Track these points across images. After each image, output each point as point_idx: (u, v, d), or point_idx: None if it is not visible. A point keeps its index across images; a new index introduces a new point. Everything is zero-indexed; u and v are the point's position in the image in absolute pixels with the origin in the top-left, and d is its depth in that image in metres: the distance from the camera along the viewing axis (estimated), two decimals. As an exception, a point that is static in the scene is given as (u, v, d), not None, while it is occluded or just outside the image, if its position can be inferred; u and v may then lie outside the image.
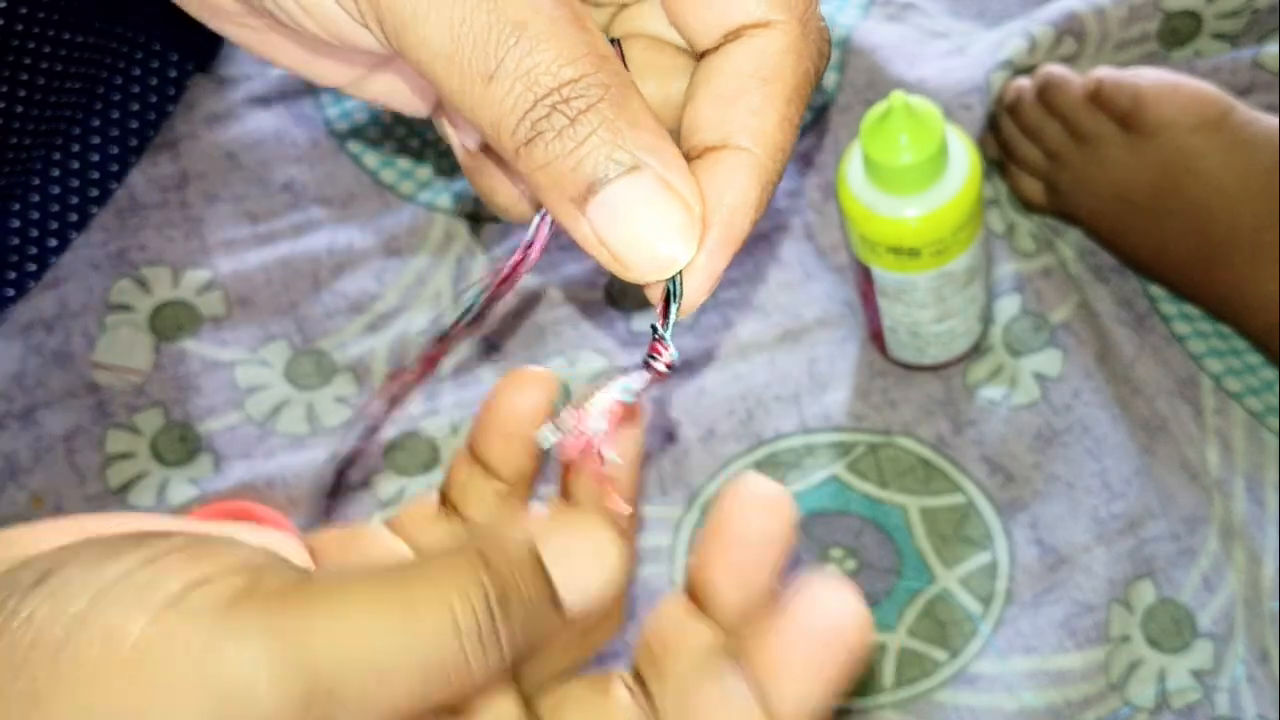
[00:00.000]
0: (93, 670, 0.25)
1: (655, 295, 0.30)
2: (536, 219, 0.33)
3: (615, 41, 0.32)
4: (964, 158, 0.63)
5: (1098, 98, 0.71)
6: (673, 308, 0.29)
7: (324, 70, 0.34)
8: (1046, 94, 0.73)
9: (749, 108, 0.29)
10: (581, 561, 0.28)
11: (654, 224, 0.28)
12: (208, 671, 0.24)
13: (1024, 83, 0.75)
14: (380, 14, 0.28)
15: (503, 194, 0.35)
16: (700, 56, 0.31)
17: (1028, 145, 0.74)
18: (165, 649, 0.25)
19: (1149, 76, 0.70)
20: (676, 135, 0.30)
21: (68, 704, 0.25)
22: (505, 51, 0.27)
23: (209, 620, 0.25)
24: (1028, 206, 0.75)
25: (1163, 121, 0.69)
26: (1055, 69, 0.74)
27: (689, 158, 0.30)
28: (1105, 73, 0.72)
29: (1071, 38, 0.78)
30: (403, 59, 0.28)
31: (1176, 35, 0.78)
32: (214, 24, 0.33)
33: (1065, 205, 0.74)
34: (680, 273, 0.29)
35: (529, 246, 0.33)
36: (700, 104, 0.30)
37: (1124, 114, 0.70)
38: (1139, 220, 0.70)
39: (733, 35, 0.30)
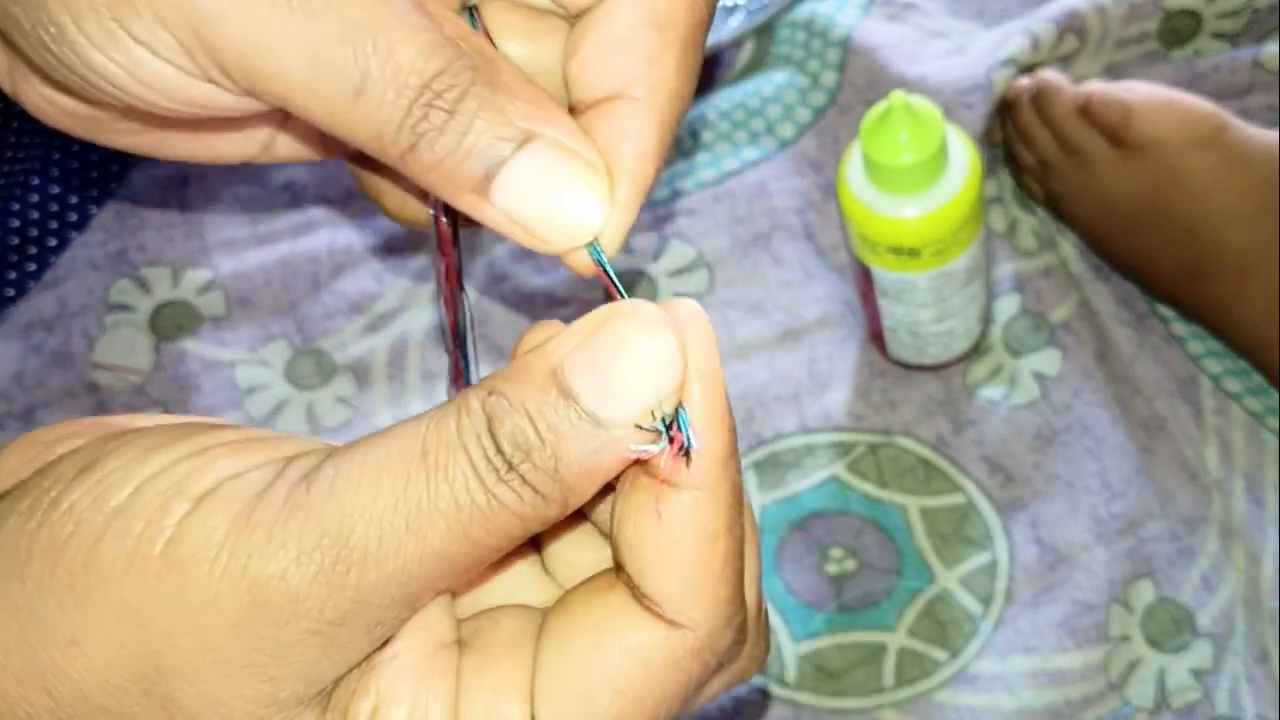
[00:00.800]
0: (128, 563, 0.25)
1: (578, 263, 0.29)
2: (431, 217, 0.32)
3: (472, 11, 0.31)
4: (964, 157, 0.63)
5: (1087, 111, 0.71)
6: (608, 269, 0.28)
7: (222, 148, 0.33)
8: (1039, 102, 0.73)
9: (645, 56, 0.28)
10: (613, 370, 0.25)
11: (563, 192, 0.27)
12: (238, 562, 0.24)
13: (1024, 82, 0.75)
14: (222, 61, 0.26)
15: (390, 197, 0.34)
16: (575, 14, 0.30)
17: (1023, 148, 0.74)
18: (199, 541, 0.24)
19: (1140, 92, 0.70)
20: (555, 96, 0.29)
21: (103, 597, 0.25)
22: (366, 61, 0.26)
23: (239, 511, 0.25)
24: (1032, 198, 0.76)
25: (1152, 138, 0.69)
26: (1050, 76, 0.73)
27: (577, 112, 0.29)
28: (1096, 87, 0.71)
29: (1072, 35, 0.78)
30: (260, 99, 0.27)
31: (1176, 34, 0.78)
32: (102, 139, 0.32)
33: (1059, 211, 0.74)
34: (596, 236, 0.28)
35: (441, 249, 0.32)
36: (587, 56, 0.29)
37: (1113, 129, 0.70)
38: (1128, 233, 0.70)
39: None
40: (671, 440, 0.26)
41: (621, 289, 0.29)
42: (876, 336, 0.72)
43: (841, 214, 0.65)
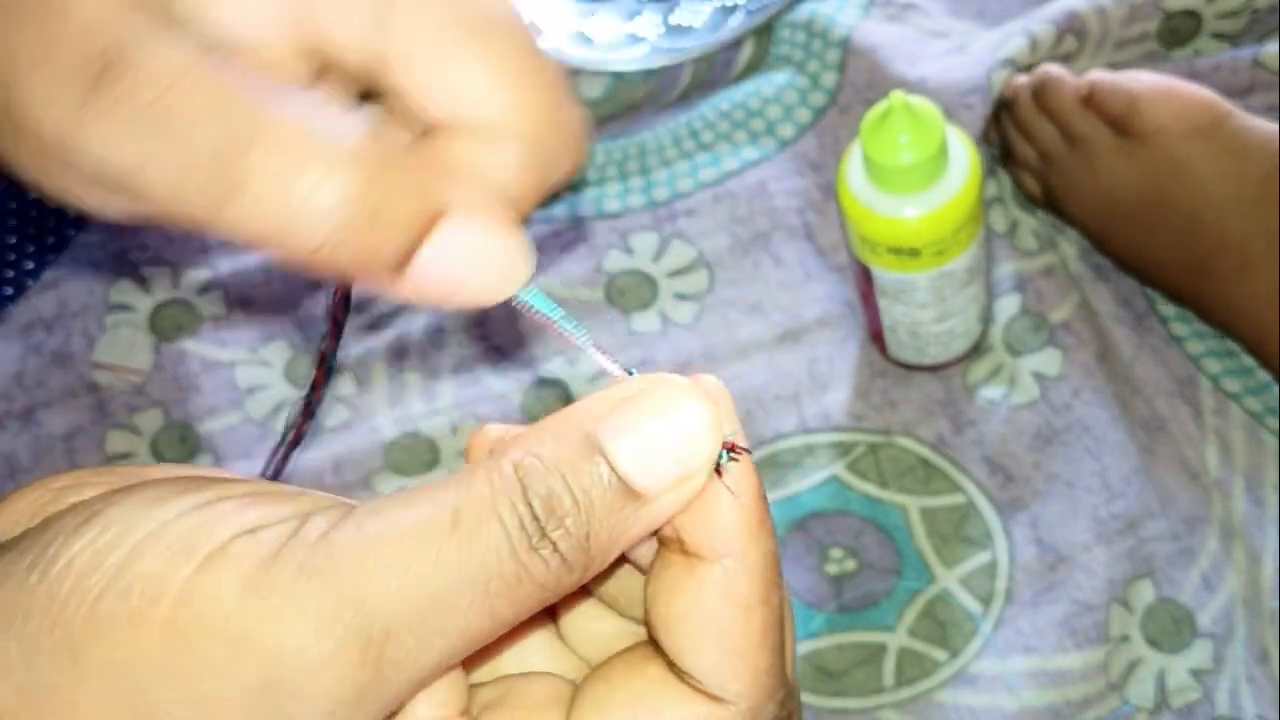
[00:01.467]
0: (129, 625, 0.23)
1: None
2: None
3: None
4: (964, 157, 0.63)
5: (1091, 100, 0.71)
6: (552, 313, 0.28)
7: None
8: (1041, 95, 0.73)
9: (513, 95, 0.27)
10: (651, 435, 0.24)
11: (484, 257, 0.26)
12: (250, 629, 0.23)
13: (1023, 80, 0.75)
14: (104, 183, 0.25)
15: None
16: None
17: (1023, 144, 0.74)
18: (206, 604, 0.23)
19: (1144, 81, 0.70)
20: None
21: (101, 660, 0.23)
22: (244, 159, 0.24)
23: (251, 572, 0.23)
24: (1030, 199, 0.76)
25: (1156, 126, 0.69)
26: (1051, 69, 0.73)
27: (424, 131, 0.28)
28: (1100, 76, 0.71)
29: (1072, 36, 0.78)
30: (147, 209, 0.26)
31: (1176, 35, 0.78)
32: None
33: (1059, 206, 0.74)
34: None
35: (334, 324, 0.31)
36: (454, 81, 0.28)
37: (1117, 118, 0.70)
38: (1130, 225, 0.70)
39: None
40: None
41: (573, 326, 0.28)
42: (876, 336, 0.72)
43: (841, 214, 0.65)
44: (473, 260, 0.26)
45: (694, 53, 0.82)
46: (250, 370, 0.77)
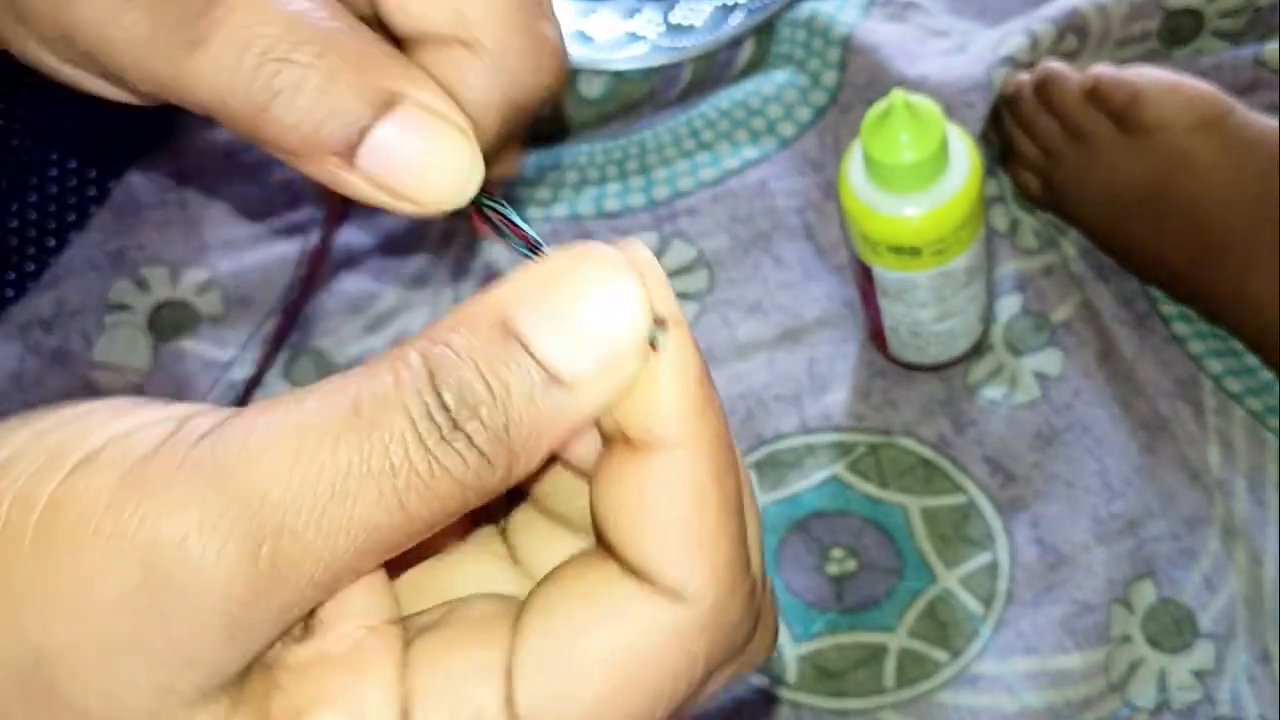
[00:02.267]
0: (2, 542, 0.21)
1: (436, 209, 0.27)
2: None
3: None
4: (965, 156, 0.63)
5: (1095, 95, 0.71)
6: (513, 217, 0.26)
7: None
8: (1044, 90, 0.73)
9: (486, 10, 0.27)
10: (572, 316, 0.22)
11: (434, 154, 0.25)
12: (126, 527, 0.21)
13: (1024, 77, 0.75)
14: (86, 52, 0.26)
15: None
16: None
17: (1025, 141, 0.74)
18: (78, 506, 0.21)
19: (1148, 75, 0.70)
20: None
21: None
22: (207, 14, 0.25)
23: (126, 472, 0.21)
24: (1029, 199, 0.75)
25: (1160, 121, 0.69)
26: (1054, 65, 0.73)
27: (402, 44, 0.28)
28: (1103, 70, 0.71)
29: (1073, 34, 0.78)
30: (127, 79, 0.26)
31: (1177, 34, 0.78)
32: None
33: (1061, 203, 0.74)
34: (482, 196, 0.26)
35: (316, 254, 0.31)
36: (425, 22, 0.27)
37: (1121, 112, 0.70)
38: (1133, 220, 0.70)
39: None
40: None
41: (535, 236, 0.26)
42: (877, 336, 0.72)
43: (842, 213, 0.65)
44: (422, 154, 0.25)
45: (694, 51, 0.82)
46: (249, 370, 0.77)
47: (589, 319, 0.22)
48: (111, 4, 0.26)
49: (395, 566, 0.25)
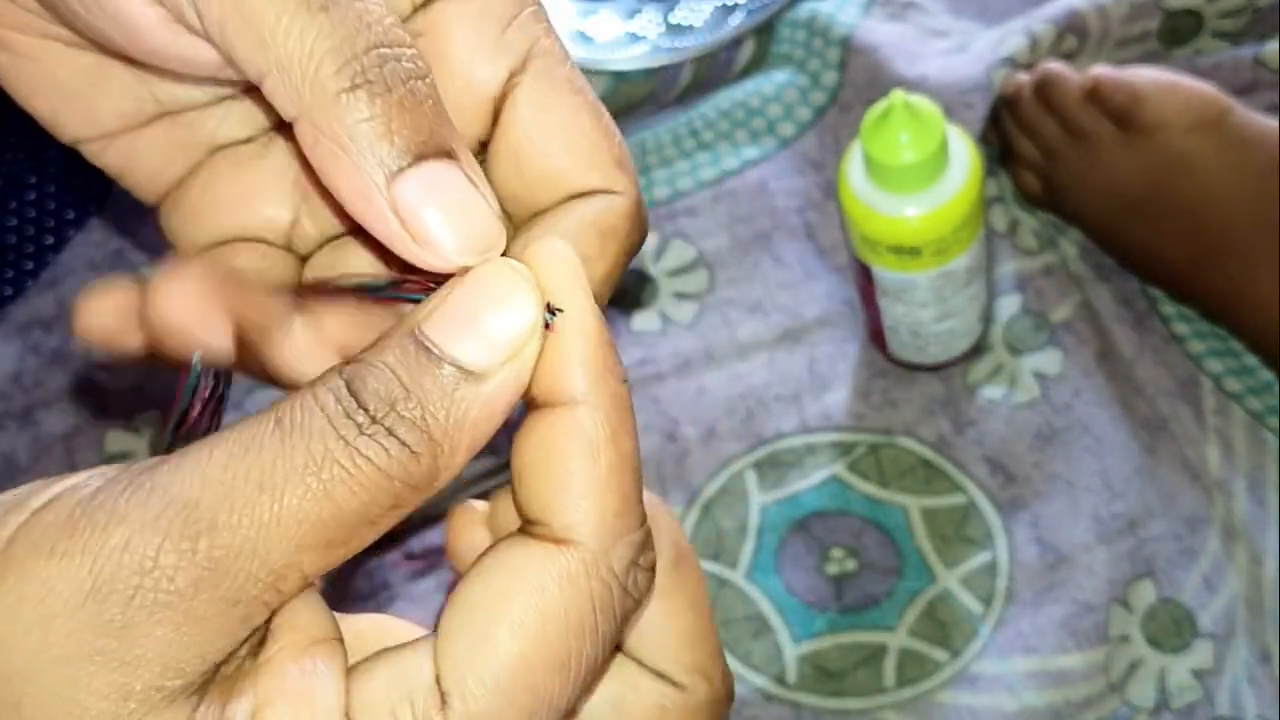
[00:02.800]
0: None
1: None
2: (196, 367, 0.30)
3: None
4: (964, 156, 0.63)
5: (1095, 96, 0.71)
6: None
7: (73, 115, 0.32)
8: (1044, 91, 0.73)
9: (583, 255, 0.28)
10: (469, 314, 0.25)
11: (471, 210, 0.26)
12: (77, 544, 0.23)
13: (1023, 78, 0.75)
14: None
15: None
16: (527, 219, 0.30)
17: (1025, 142, 0.74)
18: (34, 536, 0.23)
19: (1147, 76, 0.70)
20: None
21: None
22: None
23: (77, 505, 0.23)
24: (1029, 200, 0.75)
25: (1159, 121, 0.69)
26: (1054, 66, 0.73)
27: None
28: (1103, 71, 0.71)
29: (1072, 35, 0.78)
30: (213, 38, 0.26)
31: (1177, 34, 0.78)
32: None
33: (1061, 203, 0.74)
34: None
35: (202, 397, 0.31)
36: (536, 235, 0.29)
37: (1121, 113, 0.70)
38: (1133, 220, 0.70)
39: (572, 195, 0.29)
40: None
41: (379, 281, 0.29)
42: (877, 336, 0.72)
43: (842, 213, 0.65)
44: (461, 205, 0.26)
45: (694, 52, 0.82)
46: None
47: (487, 317, 0.25)
48: None
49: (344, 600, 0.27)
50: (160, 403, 0.77)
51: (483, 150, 0.30)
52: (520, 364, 0.25)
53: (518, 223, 0.30)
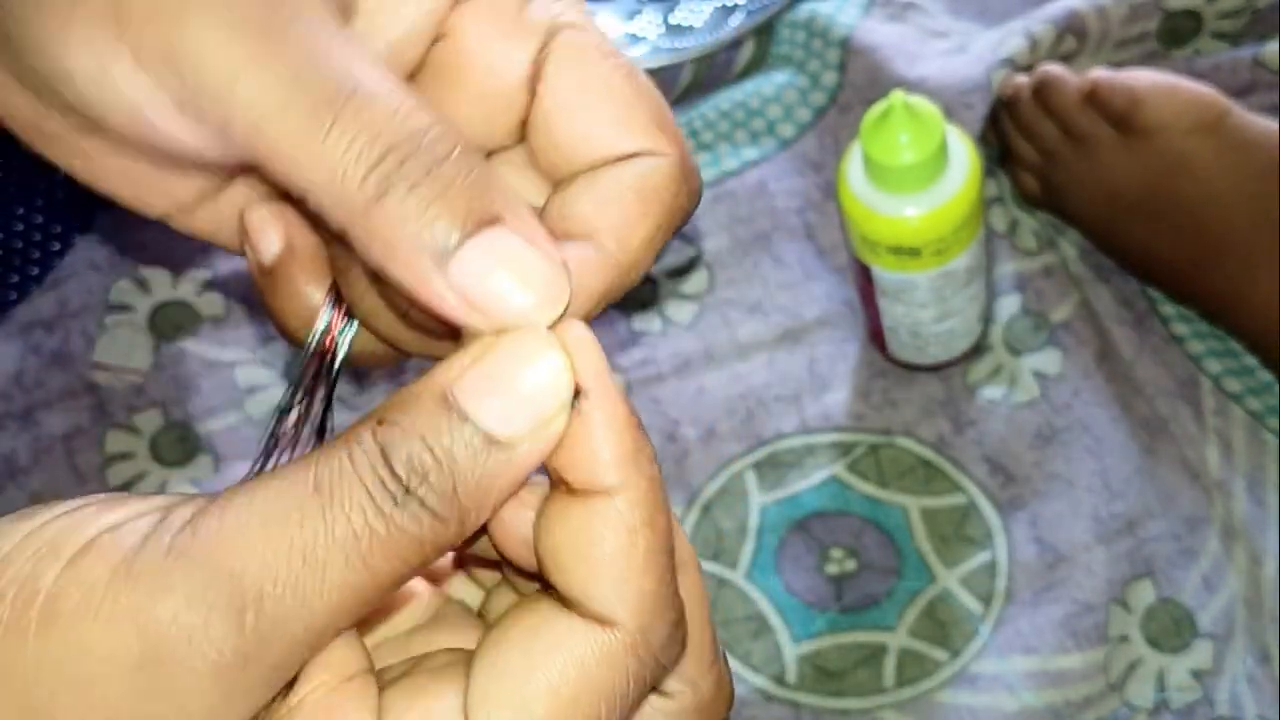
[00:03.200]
0: (5, 632, 0.24)
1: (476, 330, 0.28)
2: (325, 318, 0.32)
3: None
4: (964, 157, 0.63)
5: (1094, 98, 0.71)
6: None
7: (152, 196, 0.32)
8: (1042, 93, 0.73)
9: (621, 218, 0.29)
10: (503, 384, 0.25)
11: (521, 277, 0.26)
12: (123, 609, 0.23)
13: (1022, 79, 0.75)
14: (198, 89, 0.26)
15: (296, 312, 0.33)
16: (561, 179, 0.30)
17: (1024, 144, 0.74)
18: (77, 594, 0.24)
19: (1146, 78, 0.70)
20: None
21: None
22: (345, 100, 0.25)
23: (120, 560, 0.24)
24: (1028, 200, 0.76)
25: (1158, 123, 0.69)
26: (1052, 68, 0.74)
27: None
28: (1102, 74, 0.72)
29: (1072, 36, 0.78)
30: (225, 133, 0.26)
31: (1176, 35, 0.78)
32: (49, 152, 0.31)
33: (1060, 204, 0.74)
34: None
35: (325, 353, 0.32)
36: (574, 198, 0.29)
37: (1119, 115, 0.70)
38: (1132, 222, 0.70)
39: (617, 157, 0.29)
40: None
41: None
42: (877, 336, 0.72)
43: (842, 214, 0.65)
44: (513, 276, 0.26)
45: (694, 52, 0.82)
46: (250, 370, 0.77)
47: (518, 387, 0.26)
48: (256, 52, 0.26)
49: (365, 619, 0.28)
50: (161, 402, 0.77)
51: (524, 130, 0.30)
52: (547, 437, 0.26)
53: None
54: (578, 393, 0.26)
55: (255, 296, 0.80)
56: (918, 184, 0.62)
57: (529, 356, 0.26)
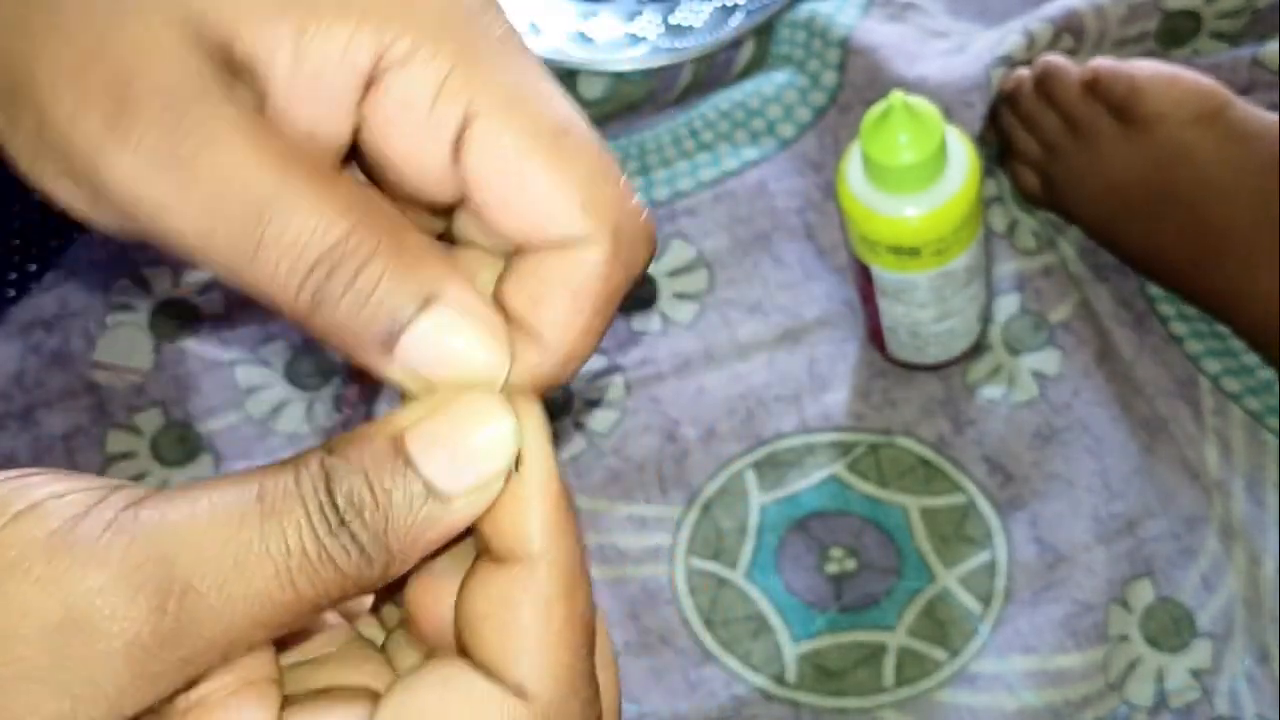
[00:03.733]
0: None
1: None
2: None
3: None
4: (963, 157, 0.63)
5: (1094, 87, 0.71)
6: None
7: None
8: (1044, 84, 0.73)
9: (555, 314, 0.29)
10: (449, 441, 0.27)
11: (464, 347, 0.27)
12: (55, 573, 0.24)
13: (1023, 72, 0.75)
14: (126, 216, 0.27)
15: None
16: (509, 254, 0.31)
17: (1025, 136, 0.74)
18: (14, 550, 0.24)
19: (1147, 67, 0.70)
20: None
21: None
22: (265, 225, 0.26)
23: (59, 526, 0.25)
24: (1027, 199, 0.76)
25: (1159, 113, 0.69)
26: (1054, 59, 0.73)
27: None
28: (1102, 63, 0.71)
29: (1069, 34, 0.78)
30: (159, 244, 0.27)
31: (1175, 35, 0.78)
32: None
33: (1061, 200, 0.74)
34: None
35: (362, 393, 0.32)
36: (512, 287, 0.29)
37: (1120, 104, 0.70)
38: (1134, 215, 0.70)
39: (547, 245, 0.29)
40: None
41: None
42: (876, 336, 0.72)
43: (841, 214, 0.65)
44: (457, 350, 0.27)
45: (694, 53, 0.82)
46: (250, 370, 0.77)
47: (467, 444, 0.27)
48: (172, 187, 0.26)
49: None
50: (161, 402, 0.77)
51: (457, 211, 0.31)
52: (483, 499, 0.27)
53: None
54: (518, 459, 0.27)
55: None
56: (917, 184, 0.62)
57: (481, 417, 0.27)
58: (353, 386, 0.35)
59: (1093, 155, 0.71)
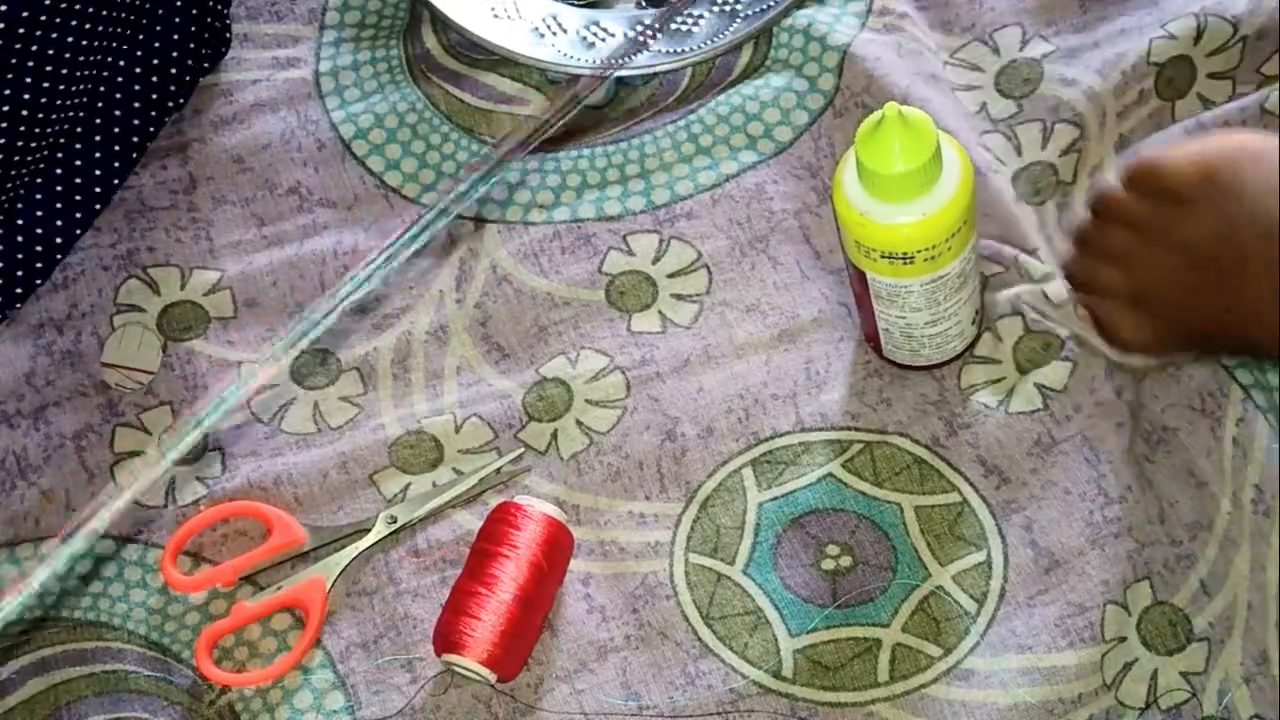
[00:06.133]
0: None
1: None
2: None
3: None
4: (956, 165, 0.64)
5: (1132, 184, 0.63)
6: None
7: None
8: (1099, 209, 0.65)
9: None
10: None
11: None
12: None
13: (1080, 211, 0.70)
14: None
15: None
16: None
17: (1107, 270, 0.65)
18: None
19: (1170, 142, 0.66)
20: None
21: None
22: None
23: None
24: (1130, 348, 0.66)
25: (1193, 183, 0.60)
26: (1099, 179, 0.70)
27: None
28: (1130, 159, 0.64)
29: (1071, 125, 0.78)
30: None
31: (1174, 85, 0.77)
32: None
33: (1161, 321, 0.64)
34: None
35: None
36: None
37: (1161, 189, 0.62)
38: (1219, 289, 0.61)
39: None
40: None
41: None
42: (872, 338, 0.73)
43: (837, 220, 0.66)
44: None
45: (694, 58, 0.83)
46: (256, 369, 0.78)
47: None
48: None
49: None
50: (170, 401, 0.78)
51: None
52: None
53: None
54: None
55: (263, 297, 0.81)
56: (911, 192, 0.63)
57: None
58: None
59: (1164, 245, 0.62)
